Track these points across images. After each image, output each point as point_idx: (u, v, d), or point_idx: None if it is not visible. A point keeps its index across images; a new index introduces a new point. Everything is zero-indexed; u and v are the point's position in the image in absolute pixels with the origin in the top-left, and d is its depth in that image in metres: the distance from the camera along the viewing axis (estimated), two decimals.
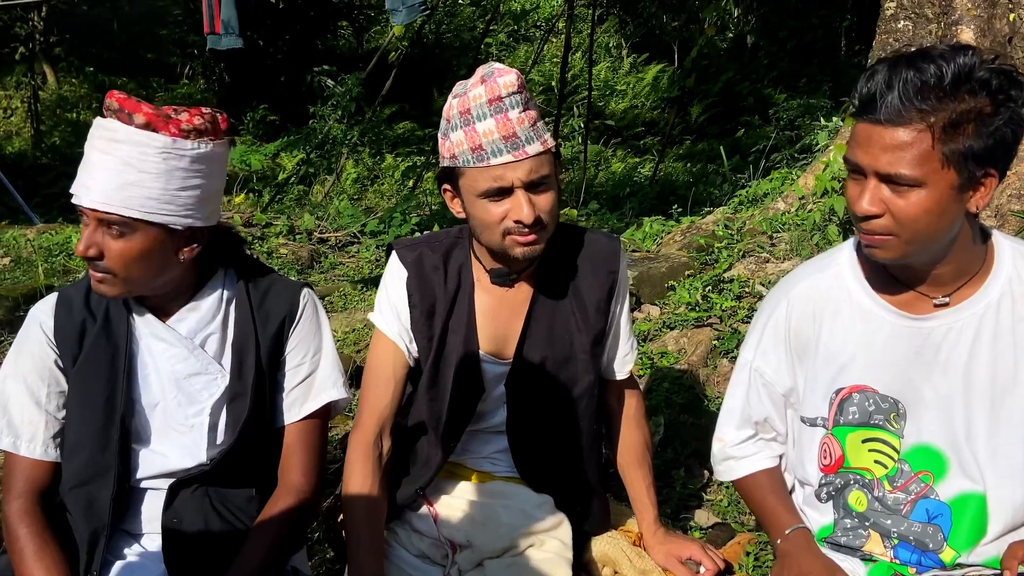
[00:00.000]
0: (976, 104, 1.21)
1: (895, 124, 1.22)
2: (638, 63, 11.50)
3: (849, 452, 1.47)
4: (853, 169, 1.30)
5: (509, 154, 1.49)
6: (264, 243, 5.15)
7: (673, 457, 2.53)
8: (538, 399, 1.71)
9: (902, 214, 1.26)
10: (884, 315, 1.43)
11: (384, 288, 1.72)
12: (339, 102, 8.15)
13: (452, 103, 1.54)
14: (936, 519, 1.41)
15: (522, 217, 1.51)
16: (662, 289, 3.54)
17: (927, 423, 1.41)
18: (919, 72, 1.22)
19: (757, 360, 1.59)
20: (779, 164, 5.67)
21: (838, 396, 1.47)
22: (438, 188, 1.65)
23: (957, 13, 3.34)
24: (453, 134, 1.53)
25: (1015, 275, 1.38)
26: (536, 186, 1.52)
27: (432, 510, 1.73)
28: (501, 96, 1.49)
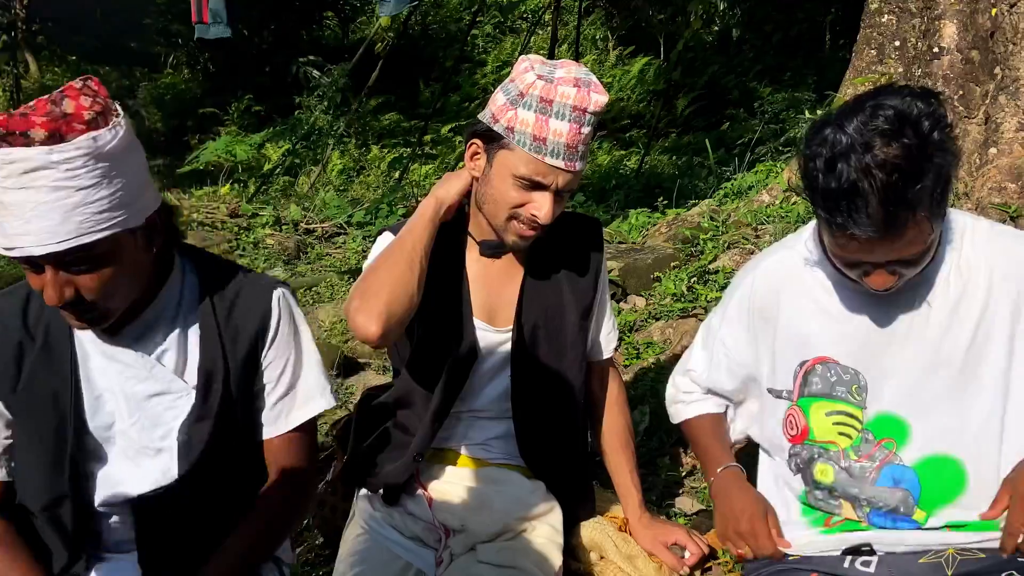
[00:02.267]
0: (944, 165, 1.24)
1: (897, 232, 1.24)
2: (624, 56, 11.49)
3: (813, 424, 1.52)
4: (851, 263, 1.33)
5: (563, 161, 1.54)
6: (250, 233, 5.15)
7: (658, 446, 2.56)
8: (536, 367, 1.74)
9: (912, 269, 1.34)
10: (845, 289, 1.48)
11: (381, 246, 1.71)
12: (325, 93, 8.13)
13: (535, 82, 1.54)
14: (903, 483, 1.45)
15: (541, 216, 1.57)
16: (648, 280, 3.57)
17: (888, 392, 1.45)
18: (890, 171, 1.20)
19: (723, 329, 1.68)
20: (764, 157, 5.69)
21: (802, 368, 1.52)
22: (465, 141, 1.66)
23: (940, 7, 3.38)
24: (523, 111, 1.54)
25: (960, 246, 1.43)
26: (560, 195, 1.59)
27: (426, 494, 1.75)
28: (587, 110, 1.53)
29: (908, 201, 1.21)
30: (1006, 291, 1.41)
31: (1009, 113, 3.11)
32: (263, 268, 4.61)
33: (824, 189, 1.25)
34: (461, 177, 1.67)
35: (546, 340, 1.74)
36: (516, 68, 1.59)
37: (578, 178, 1.60)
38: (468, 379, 1.72)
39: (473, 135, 1.64)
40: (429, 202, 1.63)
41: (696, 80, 10.35)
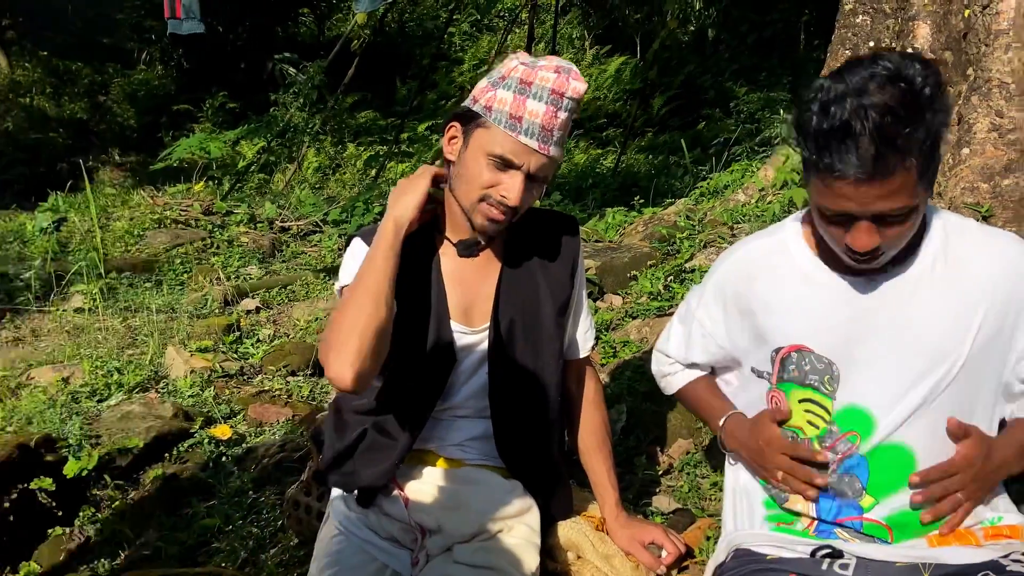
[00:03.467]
0: (935, 122, 1.25)
1: (886, 176, 1.24)
2: (601, 55, 11.52)
3: (792, 408, 1.52)
4: (837, 216, 1.32)
5: (537, 142, 1.55)
6: (224, 231, 5.10)
7: (635, 444, 2.56)
8: (514, 365, 1.73)
9: (896, 237, 1.33)
10: (823, 277, 1.48)
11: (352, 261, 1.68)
12: (301, 90, 8.07)
13: (516, 66, 1.57)
14: (853, 470, 1.46)
15: (510, 197, 1.56)
16: (624, 279, 3.57)
17: (859, 384, 1.46)
18: (884, 113, 1.22)
19: (700, 310, 1.69)
20: (739, 156, 5.73)
21: (779, 355, 1.53)
22: (444, 125, 1.65)
23: (914, 8, 3.40)
24: (502, 91, 1.56)
25: (946, 240, 1.45)
26: (533, 180, 1.58)
27: (403, 494, 1.73)
28: (565, 94, 1.54)
29: (898, 146, 1.23)
30: (999, 293, 1.42)
31: (982, 114, 3.14)
32: (237, 266, 4.57)
33: (817, 130, 1.26)
34: (416, 188, 1.62)
35: (523, 337, 1.73)
36: (503, 61, 1.61)
37: (552, 166, 1.59)
38: (446, 383, 1.71)
39: (452, 119, 1.64)
40: (387, 227, 1.59)
41: (672, 80, 10.39)
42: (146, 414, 2.72)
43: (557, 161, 1.60)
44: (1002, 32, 3.15)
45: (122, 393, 3.00)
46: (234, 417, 2.86)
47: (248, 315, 3.83)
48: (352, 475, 1.77)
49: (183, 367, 3.16)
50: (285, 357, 3.24)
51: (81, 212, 5.40)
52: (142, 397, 2.93)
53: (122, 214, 5.46)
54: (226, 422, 2.79)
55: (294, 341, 3.43)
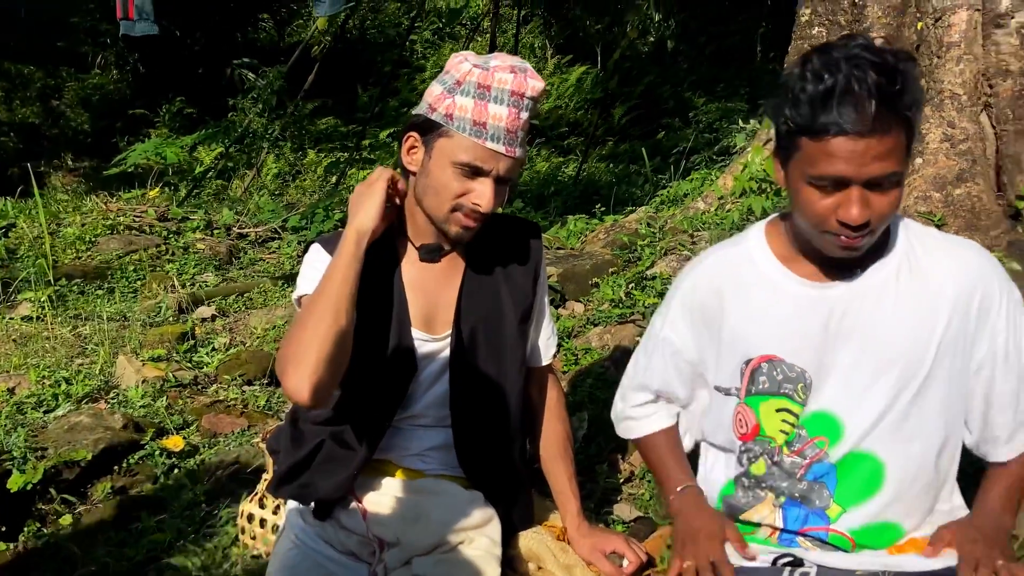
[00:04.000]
0: (915, 90, 1.29)
1: (884, 133, 1.25)
2: (562, 64, 11.58)
3: (763, 421, 1.51)
4: (831, 183, 1.30)
5: (503, 146, 1.53)
6: (180, 238, 5.00)
7: (596, 452, 2.55)
8: (476, 373, 1.70)
9: (885, 210, 1.32)
10: (790, 286, 1.48)
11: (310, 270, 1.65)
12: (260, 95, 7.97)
13: (471, 70, 1.53)
14: (822, 478, 1.46)
15: (484, 204, 1.54)
16: (586, 286, 3.57)
17: (828, 390, 1.46)
18: (879, 73, 1.25)
19: (666, 330, 1.66)
20: (698, 165, 5.78)
21: (748, 367, 1.52)
22: (401, 136, 1.62)
23: (868, 21, 3.47)
24: (461, 98, 1.53)
25: (908, 247, 1.46)
26: (502, 182, 1.56)
27: (361, 507, 1.70)
28: (525, 94, 1.52)
29: (895, 104, 1.25)
30: (960, 301, 1.43)
31: (934, 124, 3.20)
32: (193, 273, 4.48)
33: (813, 95, 1.27)
34: (374, 193, 1.57)
35: (485, 345, 1.71)
36: (450, 62, 1.58)
37: (518, 166, 1.58)
38: (406, 392, 1.68)
39: (409, 129, 1.61)
40: (349, 237, 1.55)
41: (632, 89, 10.47)
42: (95, 425, 2.64)
43: (522, 161, 1.59)
44: (954, 44, 3.22)
45: (70, 404, 2.91)
46: (187, 428, 2.79)
47: (203, 323, 3.75)
48: (308, 487, 1.73)
49: (134, 377, 3.08)
50: (241, 366, 3.17)
51: (30, 218, 5.27)
52: (91, 408, 2.84)
53: (73, 220, 5.33)
54: (178, 433, 2.72)
55: (250, 350, 3.36)
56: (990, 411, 1.47)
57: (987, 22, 3.16)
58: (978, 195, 3.08)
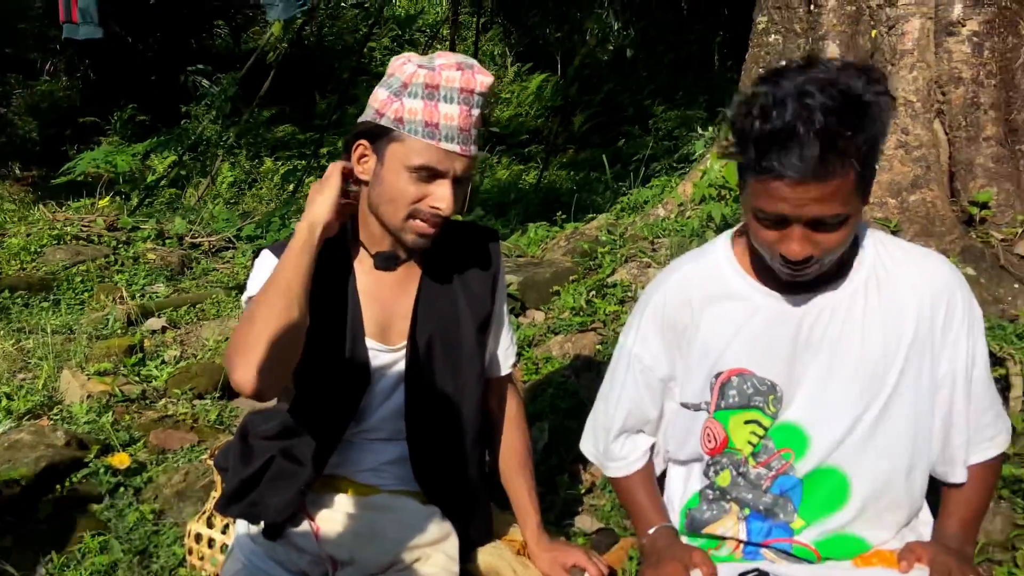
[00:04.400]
0: (873, 128, 1.24)
1: (826, 177, 1.22)
2: (522, 72, 11.59)
3: (732, 434, 1.49)
4: (772, 220, 1.29)
5: (458, 145, 1.49)
6: (130, 248, 4.87)
7: (557, 463, 2.51)
8: (432, 385, 1.66)
9: (830, 246, 1.31)
10: (759, 299, 1.46)
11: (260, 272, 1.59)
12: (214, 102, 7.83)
13: (417, 71, 1.48)
14: (787, 492, 1.45)
15: (443, 207, 1.50)
16: (547, 294, 3.54)
17: (797, 403, 1.44)
18: (828, 113, 1.20)
19: (637, 347, 1.62)
20: (659, 172, 5.79)
21: (718, 380, 1.49)
22: (348, 145, 1.57)
23: (823, 29, 3.49)
24: (409, 100, 1.48)
25: (878, 259, 1.44)
26: (459, 183, 1.52)
27: (313, 525, 1.64)
28: (474, 91, 1.49)
29: (840, 148, 1.21)
30: (924, 315, 1.42)
31: (889, 131, 3.22)
32: (143, 284, 4.36)
33: (759, 133, 1.24)
34: (328, 187, 1.54)
35: (442, 355, 1.67)
36: (392, 64, 1.54)
37: (473, 164, 1.55)
38: (359, 405, 1.63)
39: (357, 136, 1.55)
40: (301, 228, 1.51)
41: (592, 97, 10.50)
42: (36, 442, 2.53)
43: (477, 159, 1.56)
44: (907, 52, 3.25)
45: (11, 420, 2.80)
46: (134, 444, 2.70)
47: (153, 335, 3.64)
48: (257, 505, 1.67)
49: (79, 392, 2.97)
50: (192, 379, 3.08)
51: None
52: (33, 424, 2.73)
53: (19, 230, 5.17)
54: (124, 450, 2.62)
55: (202, 362, 3.26)
56: (950, 431, 1.46)
57: (939, 30, 3.19)
58: (932, 201, 3.11)
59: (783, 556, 1.45)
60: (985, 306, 2.70)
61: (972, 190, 3.10)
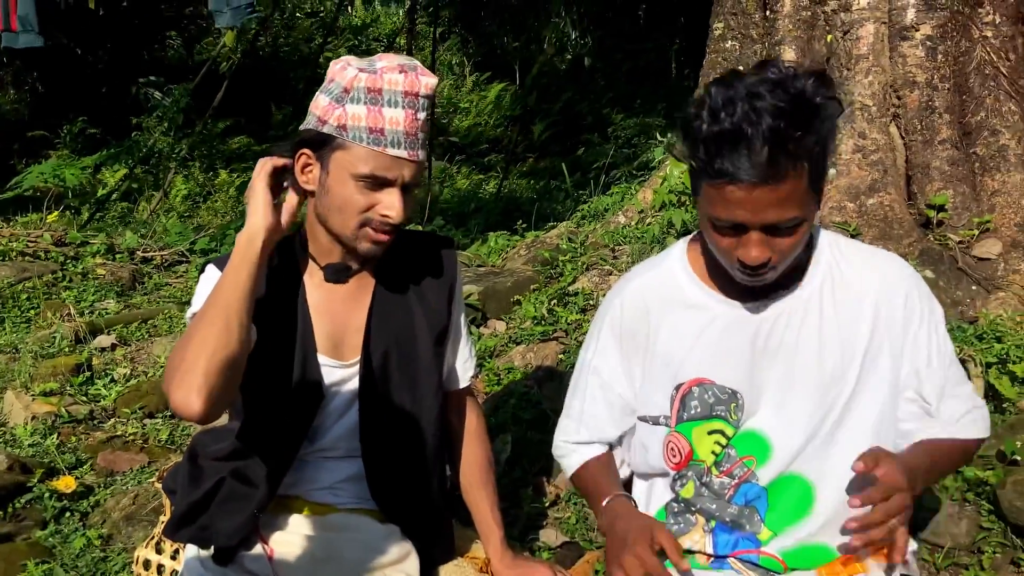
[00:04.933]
0: (823, 129, 1.24)
1: (778, 180, 1.20)
2: (481, 81, 11.58)
3: (696, 445, 1.46)
4: (728, 226, 1.28)
5: (405, 151, 1.43)
6: (79, 263, 4.73)
7: (521, 476, 2.46)
8: (388, 402, 1.60)
9: (787, 249, 1.29)
10: (716, 307, 1.44)
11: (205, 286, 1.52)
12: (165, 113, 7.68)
13: (358, 75, 1.42)
14: (753, 501, 1.42)
15: (393, 215, 1.45)
16: (508, 304, 3.49)
17: (760, 409, 1.42)
18: (776, 116, 1.19)
19: (596, 359, 1.58)
20: (619, 180, 5.78)
21: (679, 392, 1.46)
22: (291, 152, 1.49)
23: (779, 34, 3.50)
24: (352, 106, 1.42)
25: (833, 262, 1.43)
26: (408, 190, 1.47)
27: (267, 548, 1.57)
28: (419, 94, 1.43)
29: (790, 150, 1.19)
30: (881, 315, 1.40)
31: (846, 135, 3.24)
32: (92, 301, 4.23)
33: (708, 136, 1.22)
34: (257, 190, 1.46)
35: (398, 369, 1.61)
36: (332, 69, 1.48)
37: (421, 169, 1.49)
38: (311, 424, 1.56)
39: (299, 146, 1.49)
40: (240, 241, 1.43)
41: (551, 106, 10.53)
42: None
43: (425, 163, 1.50)
44: (862, 57, 3.27)
45: None
46: (81, 467, 2.59)
47: (102, 353, 3.52)
48: (207, 529, 1.60)
49: (23, 413, 2.85)
50: (142, 398, 2.98)
51: None
52: None
53: None
54: (71, 473, 2.52)
55: (152, 380, 3.16)
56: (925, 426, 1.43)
57: (894, 34, 3.22)
58: (890, 204, 3.13)
59: (751, 567, 1.42)
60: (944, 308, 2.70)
61: (929, 193, 3.12)
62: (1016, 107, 3.11)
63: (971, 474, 2.10)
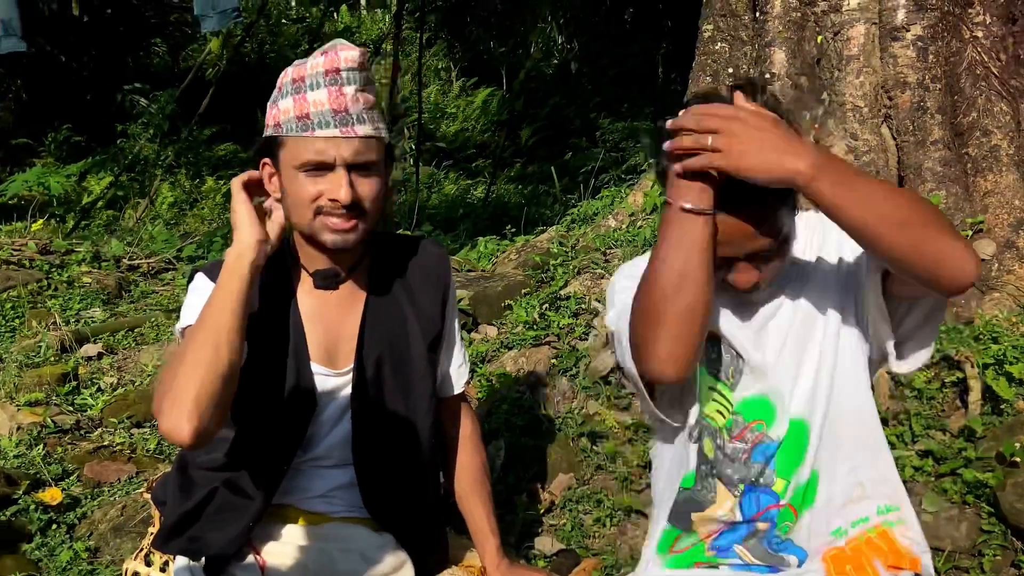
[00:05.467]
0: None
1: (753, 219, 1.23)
2: (468, 87, 11.57)
3: (701, 390, 1.46)
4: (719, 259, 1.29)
5: (337, 128, 1.39)
6: (64, 271, 4.67)
7: (515, 482, 2.44)
8: (381, 410, 1.57)
9: (774, 268, 1.33)
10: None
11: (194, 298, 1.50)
12: (151, 120, 7.62)
13: (287, 71, 1.42)
14: (769, 458, 1.44)
15: (339, 196, 1.40)
16: (499, 309, 3.47)
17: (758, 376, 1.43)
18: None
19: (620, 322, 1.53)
20: (607, 184, 5.78)
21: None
22: (256, 163, 1.49)
23: (769, 35, 3.49)
24: (282, 101, 1.41)
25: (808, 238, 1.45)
26: (360, 169, 1.42)
27: (259, 559, 1.54)
28: (339, 69, 1.39)
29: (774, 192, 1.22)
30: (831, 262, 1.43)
31: (837, 137, 3.23)
32: (77, 309, 4.17)
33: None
34: (237, 209, 1.44)
35: (391, 376, 1.59)
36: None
37: (373, 148, 1.43)
38: (305, 433, 1.54)
39: (259, 156, 1.49)
40: (228, 259, 1.41)
41: (539, 111, 10.52)
42: None
43: (377, 140, 1.44)
44: (853, 57, 3.27)
45: None
46: (67, 478, 2.55)
47: (88, 362, 3.47)
48: (199, 541, 1.57)
49: (8, 424, 2.81)
50: (129, 407, 2.93)
51: None
52: None
53: None
54: (57, 484, 2.48)
55: (140, 389, 3.12)
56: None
57: (884, 35, 3.22)
58: None
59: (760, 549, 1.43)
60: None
61: (921, 194, 3.11)
62: (1008, 107, 3.11)
63: (970, 476, 2.08)
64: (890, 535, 1.43)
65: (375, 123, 1.44)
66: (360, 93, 1.41)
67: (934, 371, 2.46)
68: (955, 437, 2.29)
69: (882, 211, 1.15)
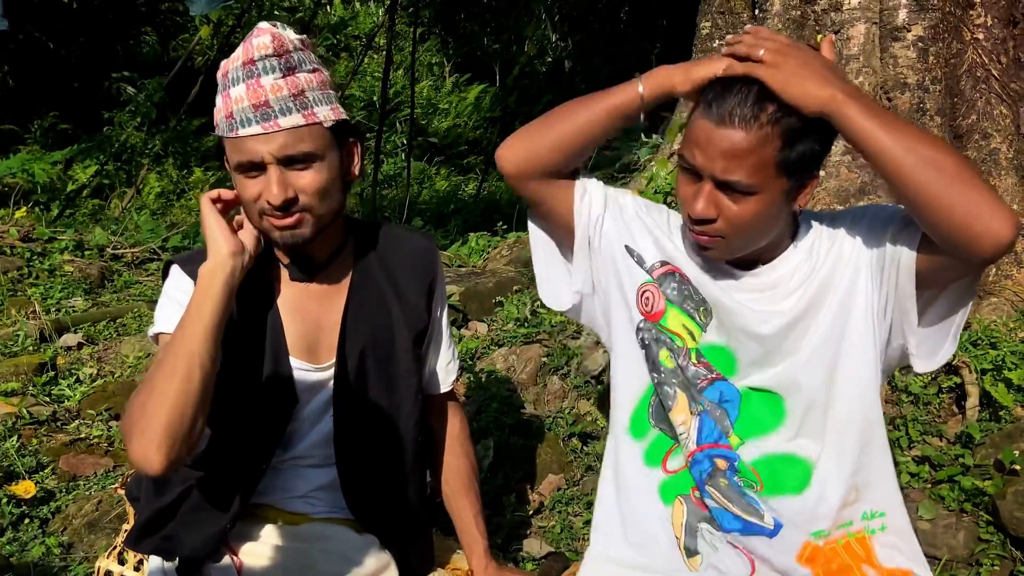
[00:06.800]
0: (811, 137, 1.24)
1: (736, 127, 1.21)
2: (460, 82, 11.51)
3: (668, 314, 1.44)
4: (688, 167, 1.29)
5: (258, 125, 1.31)
6: (46, 259, 4.58)
7: (503, 482, 2.38)
8: (364, 406, 1.51)
9: (736, 219, 1.27)
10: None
11: (168, 300, 1.45)
12: (138, 108, 7.52)
13: (222, 65, 1.36)
14: (726, 403, 1.41)
15: (271, 198, 1.33)
16: (490, 305, 3.41)
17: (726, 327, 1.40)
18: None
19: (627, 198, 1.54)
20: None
21: (662, 267, 1.45)
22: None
23: None
24: (218, 99, 1.36)
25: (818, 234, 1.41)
26: (295, 162, 1.34)
27: (236, 560, 1.49)
28: (254, 59, 1.32)
29: (770, 112, 1.21)
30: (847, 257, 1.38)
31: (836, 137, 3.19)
32: (59, 298, 4.09)
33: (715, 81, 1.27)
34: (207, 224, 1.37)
35: (375, 372, 1.53)
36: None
37: (305, 138, 1.34)
38: (285, 430, 1.48)
39: (216, 157, 1.44)
40: (202, 277, 1.34)
41: (532, 108, 10.46)
42: None
43: (311, 127, 1.35)
44: (853, 57, 3.23)
45: None
46: (41, 471, 2.48)
47: (68, 352, 3.40)
48: (172, 540, 1.51)
49: None
50: (108, 399, 2.86)
51: None
52: None
53: None
54: (31, 477, 2.41)
55: (119, 380, 3.05)
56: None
57: (884, 35, 3.18)
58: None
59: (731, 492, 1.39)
60: None
61: None
62: (1007, 110, 3.07)
63: (969, 484, 2.04)
64: (868, 543, 1.39)
65: (307, 109, 1.34)
66: (280, 81, 1.32)
67: (931, 376, 2.42)
68: (952, 443, 2.25)
69: (913, 144, 1.15)
